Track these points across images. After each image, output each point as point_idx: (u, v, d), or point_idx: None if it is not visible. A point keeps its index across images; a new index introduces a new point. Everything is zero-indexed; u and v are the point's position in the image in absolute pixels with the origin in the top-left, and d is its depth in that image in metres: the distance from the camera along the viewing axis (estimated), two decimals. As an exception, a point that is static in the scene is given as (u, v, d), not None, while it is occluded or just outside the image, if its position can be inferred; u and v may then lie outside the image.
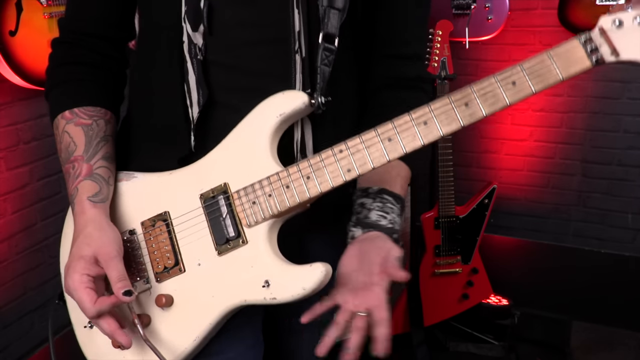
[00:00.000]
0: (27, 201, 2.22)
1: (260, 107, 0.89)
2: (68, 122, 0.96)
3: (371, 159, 0.83)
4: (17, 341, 2.21)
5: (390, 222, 0.94)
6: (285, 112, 0.88)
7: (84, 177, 0.93)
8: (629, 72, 2.64)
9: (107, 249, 0.87)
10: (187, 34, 0.90)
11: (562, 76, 0.77)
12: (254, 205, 0.88)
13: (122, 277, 0.85)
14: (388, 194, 0.96)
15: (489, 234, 2.80)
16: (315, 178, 0.85)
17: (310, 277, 0.84)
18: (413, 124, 0.82)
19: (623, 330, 2.61)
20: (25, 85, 1.95)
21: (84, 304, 0.84)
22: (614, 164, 2.75)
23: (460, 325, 2.57)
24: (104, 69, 1.01)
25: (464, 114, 0.80)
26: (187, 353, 0.90)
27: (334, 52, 0.89)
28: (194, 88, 0.91)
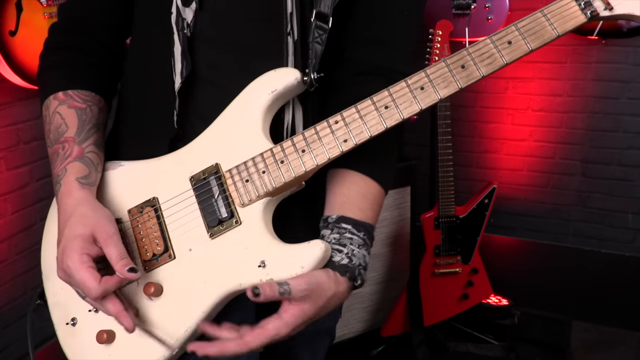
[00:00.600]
0: (27, 201, 2.22)
1: (252, 86, 0.88)
2: (61, 103, 0.93)
3: (368, 127, 0.81)
4: (17, 341, 2.21)
5: (346, 256, 0.84)
6: (278, 89, 0.86)
7: (74, 158, 0.90)
8: (629, 72, 2.64)
9: (104, 227, 0.83)
10: (176, 6, 0.89)
11: (558, 32, 0.77)
12: (247, 183, 0.84)
13: (123, 255, 0.81)
14: (347, 222, 0.87)
15: (489, 234, 2.80)
16: (311, 151, 0.83)
17: (309, 254, 0.80)
18: (410, 89, 0.80)
19: (623, 330, 2.61)
20: (25, 85, 1.94)
21: (87, 283, 0.79)
22: (614, 164, 2.75)
23: (460, 325, 2.57)
24: (100, 57, 0.99)
25: (461, 76, 0.79)
26: (178, 345, 0.85)
27: (326, 30, 0.87)
28: (178, 59, 0.90)
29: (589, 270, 2.81)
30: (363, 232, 0.87)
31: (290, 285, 0.76)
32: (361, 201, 0.90)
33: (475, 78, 0.79)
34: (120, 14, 1.00)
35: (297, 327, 0.80)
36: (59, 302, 0.94)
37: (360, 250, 0.86)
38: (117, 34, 1.02)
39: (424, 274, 2.43)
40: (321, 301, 0.80)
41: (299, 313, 0.78)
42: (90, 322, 0.90)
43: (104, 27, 1.00)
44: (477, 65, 0.79)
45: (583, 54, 2.69)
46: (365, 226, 0.88)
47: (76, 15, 1.00)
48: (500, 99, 2.90)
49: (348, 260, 0.84)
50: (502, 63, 0.78)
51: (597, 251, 2.83)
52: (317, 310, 0.80)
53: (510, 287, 2.65)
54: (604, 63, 2.67)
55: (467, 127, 2.98)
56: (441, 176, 2.35)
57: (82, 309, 0.91)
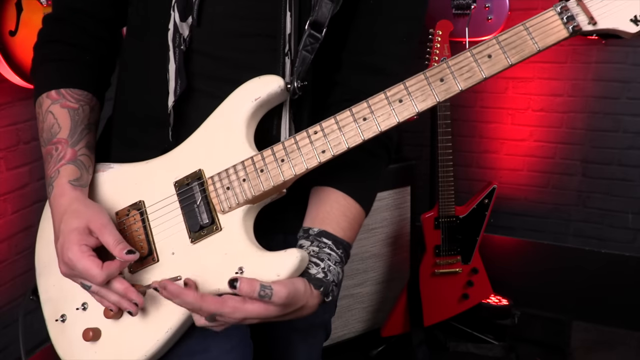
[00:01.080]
0: (27, 201, 2.21)
1: (236, 93, 0.89)
2: (54, 102, 0.94)
3: (345, 138, 0.82)
4: (17, 341, 2.21)
5: (322, 270, 0.85)
6: (261, 97, 0.87)
7: (67, 161, 0.92)
8: (629, 72, 2.64)
9: (98, 218, 0.85)
10: (173, 22, 0.89)
11: (539, 46, 0.77)
12: (228, 190, 0.86)
13: (119, 240, 0.83)
14: (327, 237, 0.89)
15: (489, 234, 2.80)
16: (290, 160, 0.84)
17: (285, 263, 0.81)
18: (388, 102, 0.81)
19: (623, 330, 2.61)
20: (25, 85, 1.94)
21: (91, 270, 0.81)
22: (614, 164, 2.75)
23: (460, 325, 2.57)
24: (93, 51, 0.99)
25: (440, 90, 0.79)
26: (159, 345, 0.87)
27: (318, 40, 0.87)
28: (172, 77, 0.90)
29: (589, 270, 2.81)
30: (341, 250, 0.89)
31: (273, 291, 0.77)
32: (342, 220, 0.91)
33: (453, 92, 0.79)
34: (111, 5, 1.00)
35: (251, 320, 0.80)
36: (50, 298, 0.96)
37: (336, 267, 0.87)
38: (109, 25, 1.02)
39: (424, 274, 2.43)
40: (289, 309, 0.80)
41: (263, 311, 0.78)
42: (78, 320, 0.92)
43: (96, 19, 1.00)
44: (456, 80, 0.79)
45: (583, 54, 2.69)
46: (344, 244, 0.90)
47: (68, 6, 1.00)
48: (500, 99, 2.90)
49: (323, 275, 0.85)
50: (481, 77, 0.78)
51: (597, 251, 2.83)
52: (280, 315, 0.81)
53: (510, 287, 2.65)
54: (604, 63, 2.67)
55: (467, 127, 2.98)
56: (441, 176, 2.35)
57: (72, 306, 0.93)
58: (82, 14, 0.99)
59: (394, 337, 2.49)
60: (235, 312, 0.78)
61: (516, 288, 2.68)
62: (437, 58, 2.28)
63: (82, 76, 0.97)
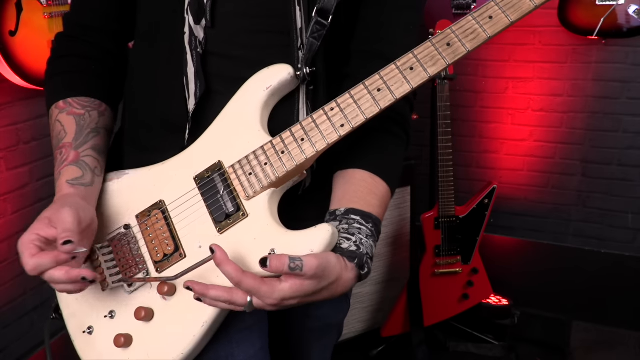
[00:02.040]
0: (27, 201, 2.22)
1: (247, 85, 0.90)
2: (61, 112, 0.96)
3: (362, 110, 0.84)
4: (16, 341, 2.21)
5: (354, 244, 0.84)
6: (273, 85, 0.88)
7: (69, 162, 0.92)
8: (629, 72, 2.64)
9: (62, 212, 0.82)
10: (189, 25, 0.90)
11: (535, 3, 0.82)
12: (250, 176, 0.86)
13: (66, 229, 0.80)
14: (355, 214, 0.88)
15: (489, 234, 2.80)
16: (310, 139, 0.85)
17: (318, 238, 0.80)
18: (399, 70, 0.83)
19: (623, 330, 2.61)
20: (25, 85, 1.94)
21: (23, 258, 0.80)
22: (614, 164, 2.75)
23: (460, 325, 2.57)
24: (102, 62, 1.01)
25: (447, 53, 0.83)
26: (196, 342, 0.85)
27: (325, 27, 0.89)
28: (192, 80, 0.91)
29: (589, 270, 2.81)
30: (371, 224, 0.88)
31: (303, 262, 0.75)
32: (370, 197, 0.91)
33: (461, 53, 0.83)
34: (117, 19, 1.02)
35: (288, 301, 0.78)
36: (74, 313, 0.95)
37: (368, 240, 0.86)
38: (116, 38, 1.04)
39: (424, 274, 2.43)
40: (324, 283, 0.79)
41: (299, 287, 0.77)
42: (107, 328, 0.91)
43: (102, 33, 1.02)
44: (462, 42, 0.82)
45: (583, 54, 2.69)
46: (373, 218, 0.89)
47: (76, 22, 1.03)
48: (500, 99, 2.90)
49: (356, 248, 0.84)
50: (485, 37, 0.82)
51: (597, 251, 2.84)
52: (316, 290, 0.78)
53: (510, 287, 2.65)
54: (604, 63, 2.67)
55: (467, 127, 2.98)
56: (441, 176, 2.35)
57: (98, 316, 0.92)
58: (91, 29, 1.01)
59: (394, 337, 2.49)
60: (273, 292, 0.76)
61: (516, 288, 2.68)
62: (437, 58, 2.28)
63: (89, 84, 0.99)
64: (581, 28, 2.48)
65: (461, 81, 2.87)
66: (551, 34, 2.70)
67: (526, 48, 2.77)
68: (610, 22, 2.40)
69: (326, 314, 1.11)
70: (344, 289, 0.83)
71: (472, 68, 2.89)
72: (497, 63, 2.84)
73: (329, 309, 1.11)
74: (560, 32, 2.61)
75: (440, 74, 2.29)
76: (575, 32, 2.51)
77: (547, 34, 2.71)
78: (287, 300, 0.78)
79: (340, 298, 1.10)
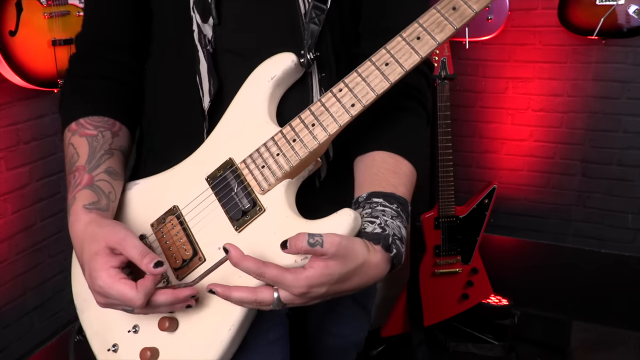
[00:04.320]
0: (27, 201, 2.22)
1: (251, 78, 0.88)
2: (73, 134, 0.92)
3: (372, 87, 0.80)
4: (17, 341, 2.21)
5: (379, 226, 0.79)
6: (277, 75, 0.86)
7: (84, 186, 0.88)
8: (629, 72, 2.64)
9: (115, 234, 0.80)
10: (196, 23, 0.89)
11: None
12: (263, 169, 0.83)
13: (144, 252, 0.77)
14: (377, 196, 0.83)
15: (489, 234, 2.80)
16: (320, 123, 0.81)
17: (340, 223, 0.76)
18: (406, 42, 0.80)
19: (623, 330, 2.61)
20: (25, 85, 1.94)
21: (127, 295, 0.76)
22: (614, 164, 2.75)
23: (460, 325, 2.57)
24: (117, 80, 0.98)
25: (454, 17, 0.78)
26: (225, 347, 0.82)
27: (324, 11, 0.86)
28: (205, 78, 0.89)
29: (589, 270, 2.80)
30: (396, 205, 0.83)
31: (322, 238, 0.71)
32: (392, 177, 0.87)
33: (468, 16, 0.78)
34: (135, 29, 0.98)
35: (317, 289, 0.73)
36: (97, 332, 0.92)
37: (394, 221, 0.81)
38: (133, 50, 1.00)
39: (424, 274, 2.43)
40: (351, 265, 0.74)
41: (324, 270, 0.72)
42: (132, 344, 0.88)
43: (117, 46, 0.98)
44: (467, 3, 0.78)
45: (583, 54, 2.69)
46: (398, 198, 0.84)
47: (88, 40, 0.99)
48: (500, 99, 2.90)
49: (381, 230, 0.79)
50: None
51: (597, 251, 2.83)
52: (343, 274, 0.74)
53: (510, 287, 2.65)
54: (604, 63, 2.67)
55: (467, 127, 2.98)
56: (441, 176, 2.35)
57: (121, 332, 0.89)
58: (105, 45, 0.98)
59: (394, 337, 2.49)
60: (299, 280, 0.72)
61: (516, 288, 2.68)
62: (437, 58, 2.28)
63: (100, 103, 0.95)
64: (581, 28, 2.48)
65: (461, 81, 2.87)
66: (551, 34, 2.70)
67: (526, 48, 2.77)
68: (610, 22, 2.40)
69: (347, 333, 1.09)
70: (376, 275, 0.77)
71: (472, 68, 2.89)
72: (497, 63, 2.84)
73: (350, 327, 1.09)
74: (560, 32, 2.61)
75: (441, 74, 2.30)
76: (575, 32, 2.51)
77: (547, 34, 2.71)
78: (316, 288, 0.73)
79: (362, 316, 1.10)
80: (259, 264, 0.73)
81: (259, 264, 0.73)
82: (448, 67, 2.30)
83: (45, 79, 1.98)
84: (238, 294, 0.75)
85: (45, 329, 2.33)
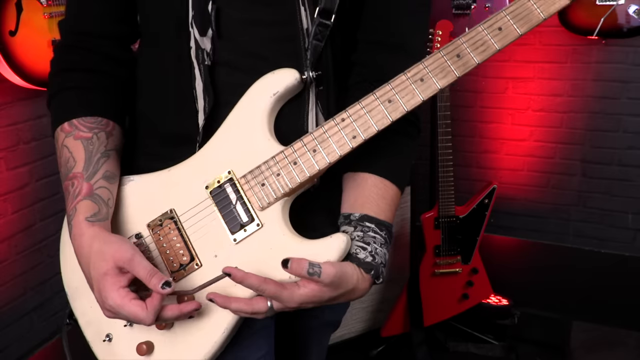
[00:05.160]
0: (27, 201, 2.22)
1: (253, 90, 0.89)
2: (67, 135, 0.91)
3: (374, 122, 0.84)
4: (17, 341, 2.21)
5: (370, 254, 0.86)
6: (279, 91, 0.88)
7: (84, 196, 0.88)
8: (629, 72, 2.64)
9: (123, 253, 0.83)
10: (194, 39, 0.88)
11: (544, 15, 0.80)
12: (263, 187, 0.86)
13: (152, 272, 0.81)
14: (370, 221, 0.89)
15: (489, 234, 2.80)
16: (322, 150, 0.85)
17: (333, 247, 0.83)
18: (410, 82, 0.83)
19: (623, 330, 2.61)
20: (25, 85, 1.94)
21: (138, 315, 0.80)
22: (614, 164, 2.75)
23: (460, 325, 2.57)
24: (106, 73, 0.96)
25: (457, 65, 0.82)
26: (217, 347, 0.87)
27: (328, 27, 0.87)
28: (200, 95, 0.90)
29: (589, 270, 2.81)
30: (385, 232, 0.90)
31: (321, 269, 0.79)
32: (382, 202, 0.92)
33: (471, 66, 0.82)
34: (120, 20, 0.96)
35: (306, 304, 0.82)
36: (90, 320, 0.94)
37: (382, 249, 0.88)
38: (119, 42, 0.99)
39: (424, 274, 2.43)
40: (340, 291, 0.82)
41: (317, 292, 0.81)
42: (127, 336, 0.91)
43: (104, 38, 0.96)
44: (471, 54, 0.82)
45: (583, 54, 2.69)
46: (387, 226, 0.91)
47: (75, 30, 0.96)
48: (500, 99, 2.90)
49: (372, 259, 0.86)
50: (495, 49, 0.82)
51: (597, 251, 2.83)
52: (333, 297, 0.82)
53: (510, 287, 2.65)
54: (604, 63, 2.67)
55: (467, 127, 2.98)
56: (441, 176, 2.35)
57: (116, 325, 0.92)
58: (91, 36, 0.95)
59: (394, 337, 2.49)
60: (293, 297, 0.80)
61: (516, 288, 2.68)
62: (437, 58, 2.28)
63: (93, 102, 0.94)
64: (581, 28, 2.48)
65: (461, 81, 2.85)
66: (551, 34, 2.70)
67: (526, 48, 2.77)
68: (610, 22, 2.40)
69: (327, 313, 1.11)
70: (359, 296, 0.86)
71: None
72: (497, 63, 2.84)
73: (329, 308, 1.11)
74: (560, 32, 2.61)
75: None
76: (575, 32, 2.51)
77: (547, 34, 2.71)
78: (305, 304, 0.82)
79: None
80: (260, 281, 0.80)
81: (260, 281, 0.80)
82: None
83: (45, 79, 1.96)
84: (236, 305, 0.82)
85: (45, 329, 2.33)
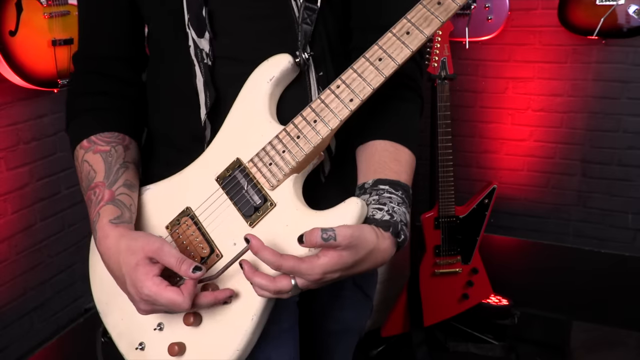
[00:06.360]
0: (27, 201, 2.22)
1: (250, 80, 0.92)
2: (86, 151, 0.95)
3: (368, 81, 0.85)
4: (17, 341, 2.21)
5: (387, 213, 0.85)
6: (275, 75, 0.90)
7: (106, 202, 0.91)
8: (629, 72, 2.64)
9: (151, 244, 0.84)
10: (192, 39, 0.91)
11: None
12: (271, 166, 0.88)
13: (181, 259, 0.82)
14: (383, 183, 0.89)
15: (489, 234, 2.80)
16: (322, 119, 0.86)
17: (348, 211, 0.82)
18: (397, 37, 0.84)
19: (623, 330, 2.61)
20: (25, 85, 1.94)
21: (176, 300, 0.81)
22: (614, 164, 2.75)
23: (460, 325, 2.57)
24: (120, 95, 1.00)
25: (440, 11, 0.83)
26: (249, 336, 0.86)
27: (315, 11, 0.90)
28: (201, 90, 0.92)
29: (589, 270, 2.81)
30: (401, 192, 0.88)
31: (335, 232, 0.76)
32: (395, 165, 0.92)
33: (453, 9, 0.83)
34: (130, 43, 1.01)
35: (331, 275, 0.79)
36: (122, 332, 0.96)
37: (400, 208, 0.87)
38: (131, 64, 1.03)
39: (424, 274, 2.43)
40: (362, 253, 0.79)
41: (337, 259, 0.78)
42: (158, 341, 0.92)
43: (116, 61, 1.00)
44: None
45: (583, 54, 2.69)
46: (402, 186, 0.89)
47: (87, 56, 1.01)
48: (500, 99, 2.90)
49: (390, 217, 0.85)
50: None
51: (597, 251, 2.83)
52: (356, 261, 0.79)
53: (510, 287, 2.65)
54: (604, 63, 2.67)
55: (467, 127, 2.98)
56: (441, 176, 2.35)
57: (147, 331, 0.93)
58: (104, 60, 1.00)
59: (394, 337, 2.49)
60: (313, 268, 0.77)
61: (516, 288, 2.68)
62: (437, 58, 2.28)
63: (109, 119, 0.98)
64: (581, 28, 2.48)
65: (461, 81, 2.87)
66: (551, 34, 2.70)
67: (526, 48, 2.77)
68: (610, 22, 2.40)
69: (349, 317, 1.12)
70: (384, 258, 0.83)
71: (472, 68, 2.89)
72: (497, 63, 2.84)
73: (352, 311, 1.12)
74: (560, 32, 2.61)
75: (441, 74, 2.30)
76: (575, 32, 2.51)
77: (547, 34, 2.71)
78: (329, 274, 0.79)
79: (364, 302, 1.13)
80: (277, 256, 0.78)
81: (277, 256, 0.78)
82: (448, 67, 2.29)
83: (45, 79, 1.99)
84: (259, 279, 0.80)
85: (45, 329, 2.33)
